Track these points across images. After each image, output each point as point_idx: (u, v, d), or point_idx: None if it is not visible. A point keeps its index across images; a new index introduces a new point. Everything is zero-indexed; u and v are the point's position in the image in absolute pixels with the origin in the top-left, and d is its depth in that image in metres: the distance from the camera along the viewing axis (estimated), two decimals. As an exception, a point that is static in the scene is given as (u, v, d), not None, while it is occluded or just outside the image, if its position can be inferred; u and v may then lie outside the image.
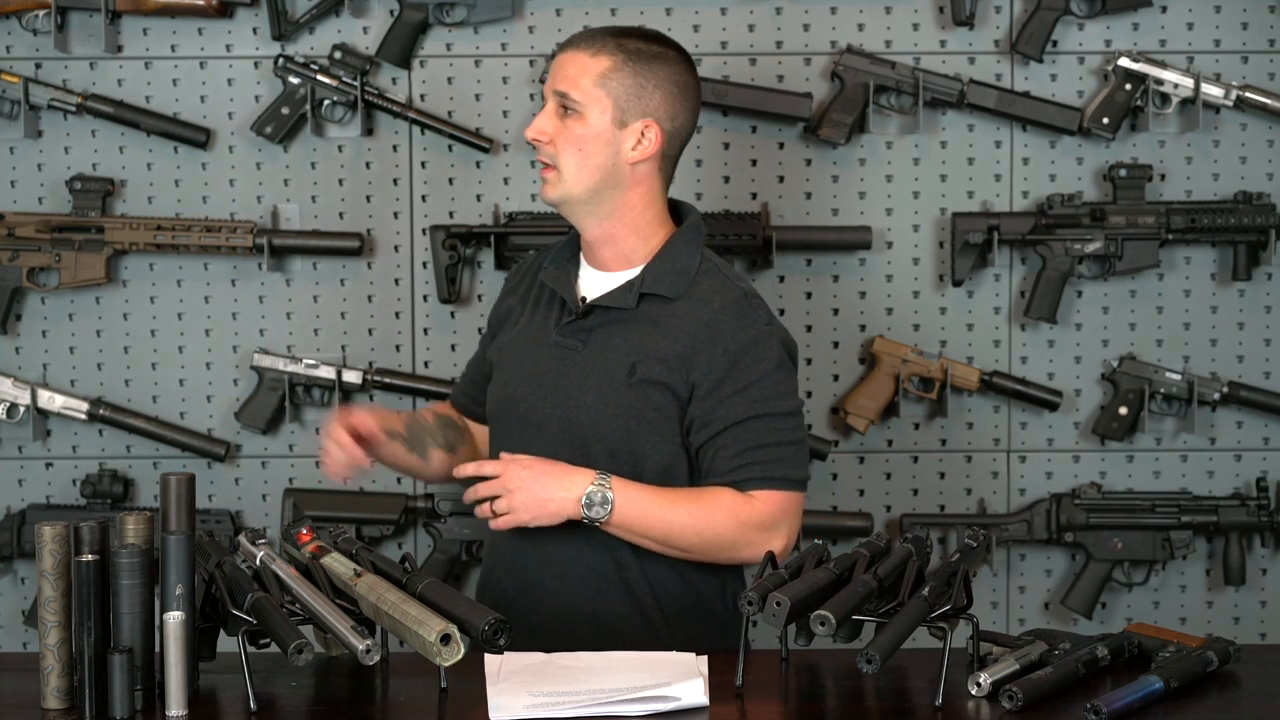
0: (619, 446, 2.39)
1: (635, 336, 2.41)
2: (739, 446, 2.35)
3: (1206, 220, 3.20)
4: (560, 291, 2.46)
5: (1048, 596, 3.32)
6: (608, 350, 2.41)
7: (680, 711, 1.93)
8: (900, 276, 3.28)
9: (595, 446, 2.39)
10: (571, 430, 2.41)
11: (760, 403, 2.36)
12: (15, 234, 3.21)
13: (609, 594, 2.40)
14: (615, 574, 2.40)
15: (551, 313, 2.48)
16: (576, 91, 2.39)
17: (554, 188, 2.41)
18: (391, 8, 3.22)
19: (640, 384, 2.38)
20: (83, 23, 3.23)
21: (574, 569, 2.40)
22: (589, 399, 2.40)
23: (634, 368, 2.39)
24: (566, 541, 2.38)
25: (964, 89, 3.21)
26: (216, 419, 3.30)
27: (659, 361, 2.38)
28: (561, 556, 2.41)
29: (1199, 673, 2.06)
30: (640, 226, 2.45)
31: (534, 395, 2.44)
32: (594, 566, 2.40)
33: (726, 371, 2.36)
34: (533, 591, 2.42)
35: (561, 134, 2.39)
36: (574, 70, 2.40)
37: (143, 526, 2.01)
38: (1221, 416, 3.29)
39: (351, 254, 3.23)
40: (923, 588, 2.02)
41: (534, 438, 2.42)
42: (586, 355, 2.42)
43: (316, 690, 2.09)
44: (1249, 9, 3.24)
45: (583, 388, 2.41)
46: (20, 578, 3.31)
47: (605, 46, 2.41)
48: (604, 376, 2.40)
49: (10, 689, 2.12)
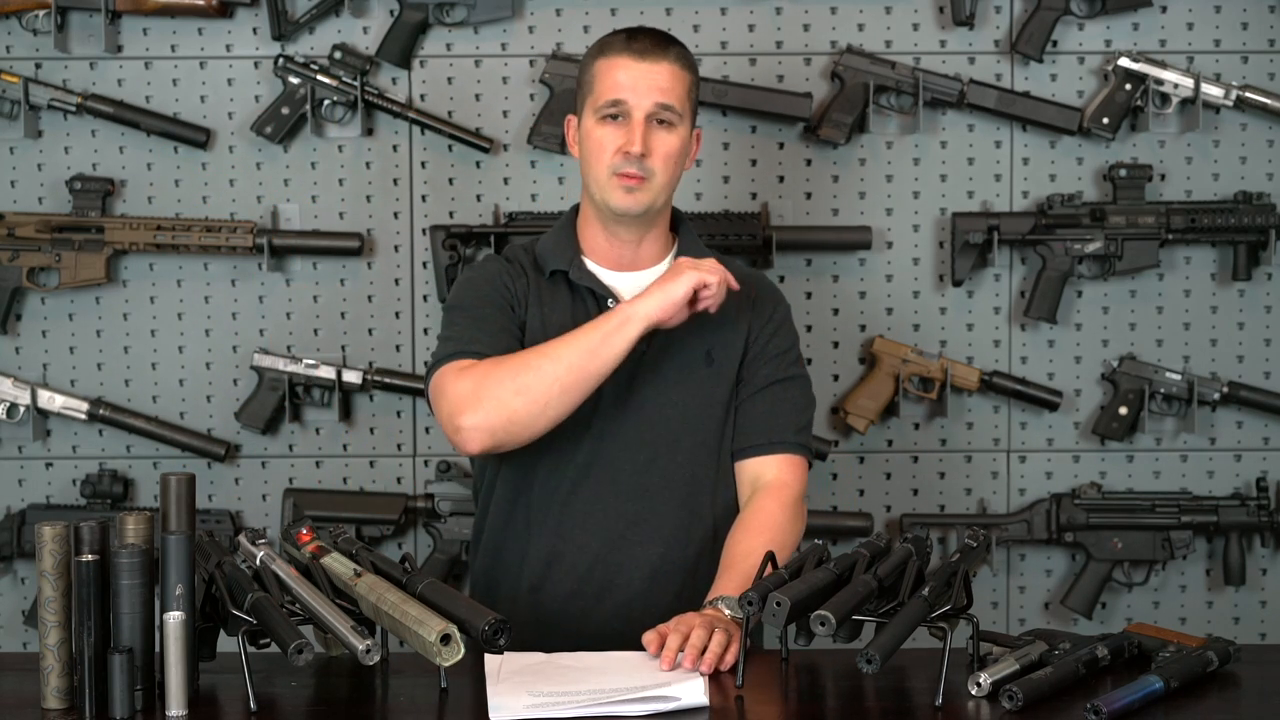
0: (708, 436, 2.43)
1: (697, 324, 2.40)
2: (775, 406, 2.45)
3: (1206, 220, 3.20)
4: (601, 291, 2.43)
5: (1048, 596, 3.32)
6: (675, 342, 2.41)
7: (680, 711, 1.93)
8: (900, 276, 3.28)
9: (686, 440, 2.41)
10: (655, 429, 2.40)
11: (795, 365, 2.49)
12: (15, 234, 3.22)
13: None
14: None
15: (586, 313, 2.41)
16: (678, 105, 2.40)
17: (644, 197, 2.38)
18: (391, 8, 3.22)
19: (719, 369, 2.42)
20: (83, 23, 3.24)
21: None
22: (673, 394, 2.41)
23: (710, 355, 2.43)
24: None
25: (964, 89, 3.21)
26: (216, 419, 3.30)
27: (729, 343, 2.44)
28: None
29: (1199, 673, 2.06)
30: (665, 225, 2.50)
31: (603, 400, 2.38)
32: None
33: (771, 337, 2.47)
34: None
35: (659, 146, 2.38)
36: (668, 82, 2.39)
37: (143, 526, 2.01)
38: (1221, 416, 3.30)
39: (351, 254, 3.23)
40: (923, 588, 2.01)
41: (609, 443, 2.39)
42: (654, 352, 2.41)
43: (316, 690, 2.09)
44: (1249, 9, 3.24)
45: (660, 385, 2.41)
46: (20, 578, 3.31)
47: (685, 58, 2.44)
48: (682, 371, 2.42)
49: (10, 689, 2.12)
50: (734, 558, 2.32)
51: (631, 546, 2.40)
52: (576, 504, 2.41)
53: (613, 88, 2.38)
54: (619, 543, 2.40)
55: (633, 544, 2.40)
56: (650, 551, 2.40)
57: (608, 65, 2.40)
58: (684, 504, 2.41)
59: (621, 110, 2.37)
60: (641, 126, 2.37)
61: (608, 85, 2.39)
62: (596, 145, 2.39)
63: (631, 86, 2.37)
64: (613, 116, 2.38)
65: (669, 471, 2.41)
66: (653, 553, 2.40)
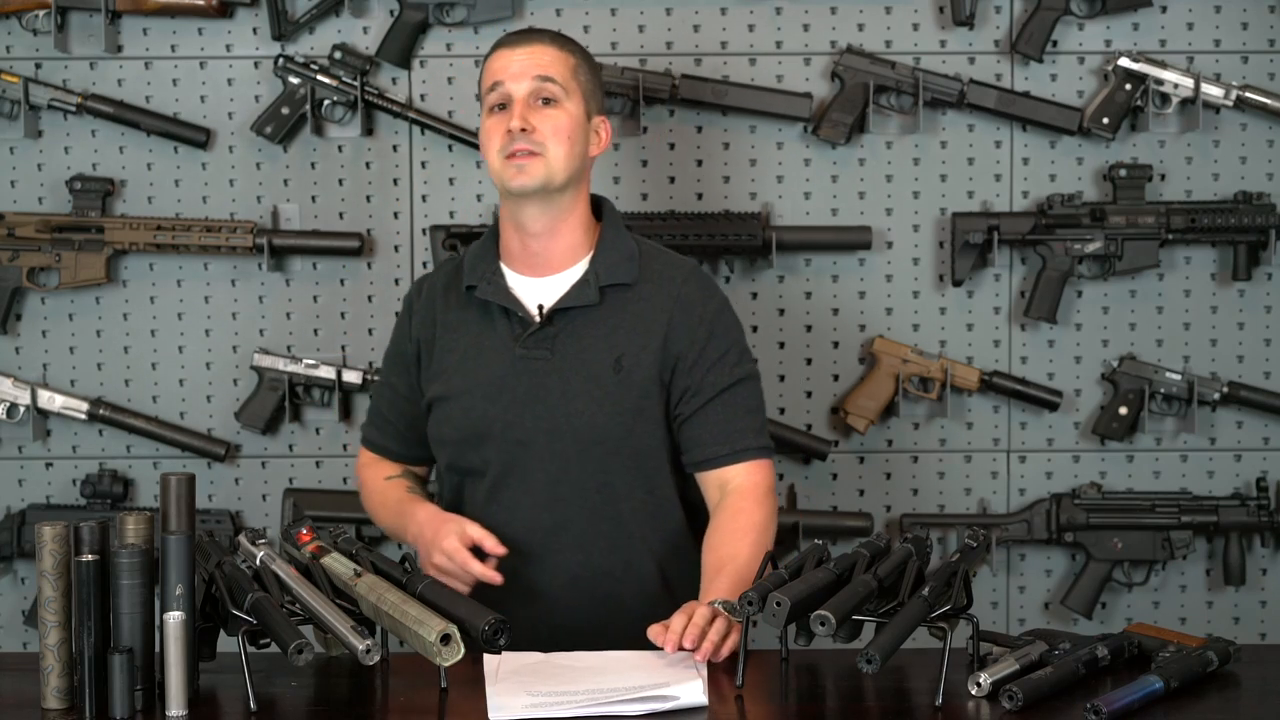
0: (620, 445, 2.41)
1: (608, 330, 2.43)
2: (730, 413, 2.44)
3: (1206, 220, 3.20)
4: (506, 304, 2.45)
5: (1048, 596, 3.32)
6: (582, 351, 2.42)
7: (680, 711, 1.93)
8: (900, 276, 3.28)
9: (598, 448, 2.41)
10: (564, 439, 2.41)
11: (739, 366, 2.47)
12: (15, 234, 3.22)
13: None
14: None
15: (494, 327, 2.46)
16: (559, 78, 2.43)
17: (537, 171, 2.39)
18: (391, 8, 3.22)
19: (628, 376, 2.41)
20: (83, 23, 3.24)
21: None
22: (579, 404, 2.41)
23: (619, 362, 2.42)
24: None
25: (964, 89, 3.21)
26: (216, 419, 3.30)
27: (641, 348, 2.42)
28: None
29: (1199, 673, 2.06)
30: (582, 221, 2.49)
31: (510, 413, 2.42)
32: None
33: (707, 339, 2.45)
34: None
35: (545, 121, 2.41)
36: (547, 59, 2.44)
37: (143, 526, 2.01)
38: (1221, 416, 3.30)
39: (351, 254, 3.23)
40: (923, 588, 2.02)
41: (521, 454, 2.42)
42: (560, 361, 2.42)
43: (316, 690, 2.09)
44: (1249, 9, 3.24)
45: (567, 394, 2.41)
46: (20, 578, 3.31)
47: (565, 43, 2.49)
48: (588, 378, 2.41)
49: (10, 689, 2.12)
50: (720, 561, 2.33)
51: (550, 554, 2.42)
52: (496, 511, 2.44)
53: (491, 75, 2.45)
54: (538, 551, 2.42)
55: (551, 551, 2.42)
56: (569, 559, 2.42)
57: (489, 61, 2.48)
58: (599, 511, 2.43)
59: (503, 95, 2.42)
60: (523, 105, 2.41)
61: (489, 76, 2.46)
62: (486, 136, 2.45)
63: (506, 69, 2.44)
64: (500, 106, 2.43)
65: (581, 480, 2.42)
66: (572, 560, 2.42)
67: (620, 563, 2.43)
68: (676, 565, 2.45)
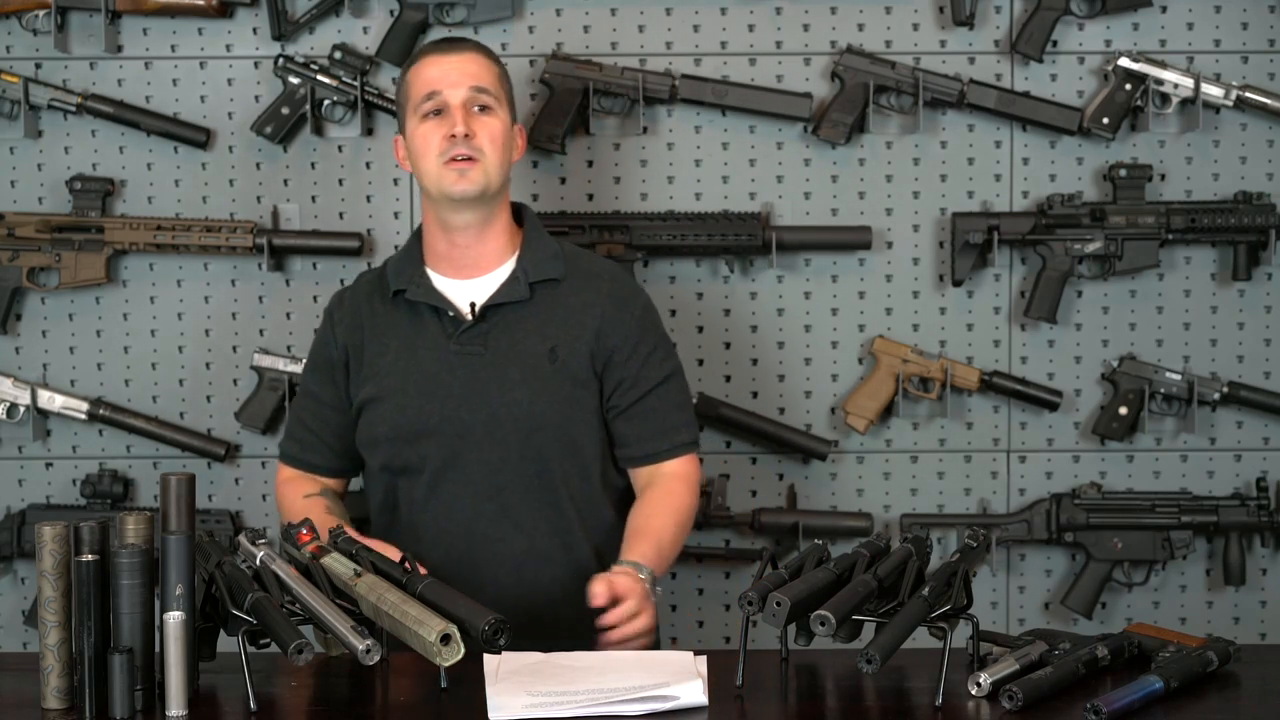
0: (557, 432, 2.49)
1: (540, 323, 2.50)
2: (665, 409, 2.54)
3: (1206, 220, 3.20)
4: (437, 304, 2.51)
5: (1048, 596, 3.32)
6: (516, 344, 2.49)
7: (679, 711, 1.93)
8: (900, 276, 3.28)
9: (537, 435, 2.47)
10: (504, 428, 2.46)
11: (668, 361, 2.57)
12: (15, 234, 3.21)
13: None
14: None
15: (425, 328, 2.52)
16: (492, 88, 2.51)
17: (478, 177, 2.47)
18: (391, 8, 3.22)
19: (563, 366, 2.47)
20: (83, 23, 3.23)
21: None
22: (517, 393, 2.47)
23: (554, 352, 2.48)
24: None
25: (964, 89, 3.20)
26: (216, 419, 3.30)
27: (575, 339, 2.49)
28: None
29: (1199, 673, 2.06)
30: (506, 225, 2.57)
31: (447, 407, 2.47)
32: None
33: (640, 334, 2.54)
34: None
35: (483, 128, 2.48)
36: (476, 69, 2.51)
37: (143, 526, 2.01)
38: (1221, 416, 3.29)
39: (351, 254, 3.23)
40: (923, 588, 2.02)
41: (460, 447, 2.47)
42: (494, 355, 2.48)
43: (316, 690, 2.09)
44: (1249, 9, 3.24)
45: (504, 385, 2.47)
46: (20, 578, 3.31)
47: (490, 53, 2.57)
48: (524, 369, 2.48)
49: (10, 689, 2.12)
50: (645, 527, 2.46)
51: (493, 543, 2.48)
52: (436, 506, 2.49)
53: (426, 83, 2.49)
54: (482, 540, 2.48)
55: (494, 540, 2.48)
56: (513, 546, 2.48)
57: (418, 69, 2.53)
58: (540, 498, 2.49)
59: (439, 102, 2.48)
60: (461, 111, 2.47)
61: (421, 84, 2.50)
62: (422, 142, 2.49)
63: (443, 77, 2.49)
64: (435, 112, 2.48)
65: (520, 467, 2.48)
66: (516, 547, 2.48)
67: (560, 546, 2.50)
68: (610, 549, 2.51)
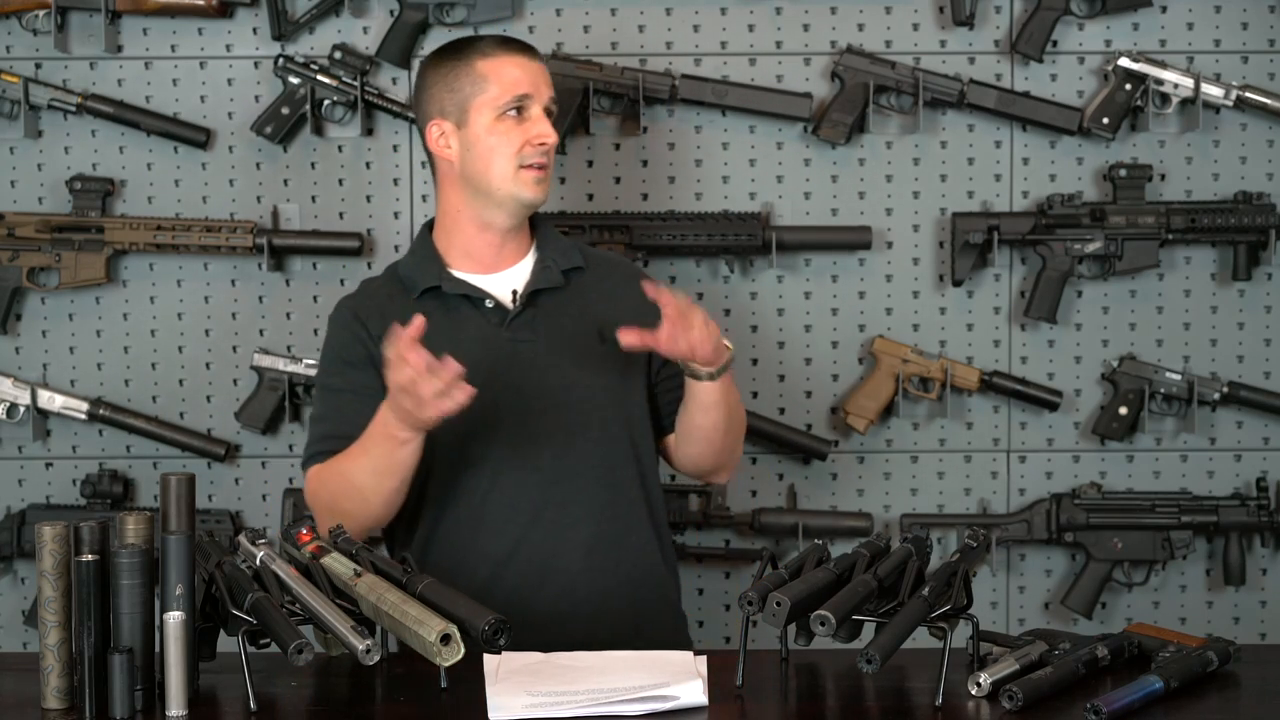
0: (618, 412, 2.48)
1: (582, 308, 2.50)
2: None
3: (1206, 220, 3.20)
4: (476, 295, 2.49)
5: (1048, 596, 3.32)
6: (564, 329, 2.48)
7: (680, 711, 1.93)
8: (900, 276, 3.28)
9: (595, 417, 2.46)
10: (567, 413, 2.45)
11: None
12: (15, 234, 3.22)
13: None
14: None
15: (466, 321, 2.47)
16: (555, 98, 2.52)
17: (548, 186, 2.49)
18: (391, 8, 3.22)
19: (614, 347, 2.44)
20: (83, 23, 3.23)
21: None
22: (575, 376, 2.46)
23: (601, 335, 2.47)
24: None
25: (964, 89, 3.20)
26: (216, 419, 3.30)
27: (616, 321, 2.46)
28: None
29: (1199, 673, 2.06)
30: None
31: (508, 395, 2.43)
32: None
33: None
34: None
35: (553, 138, 2.49)
36: (549, 79, 2.52)
37: (143, 526, 2.01)
38: (1221, 416, 3.29)
39: (351, 254, 3.23)
40: (923, 588, 2.02)
41: (524, 434, 2.44)
42: (546, 341, 2.47)
43: (316, 690, 2.09)
44: (1249, 9, 3.24)
45: (562, 369, 2.46)
46: (20, 578, 3.31)
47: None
48: (580, 352, 2.47)
49: (10, 689, 2.12)
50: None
51: (563, 529, 2.45)
52: (499, 495, 2.44)
53: (514, 84, 2.46)
54: (551, 528, 2.44)
55: (564, 527, 2.45)
56: (582, 531, 2.45)
57: (498, 66, 2.47)
58: (605, 481, 2.47)
59: (524, 104, 2.46)
60: (545, 120, 2.47)
61: (509, 83, 2.46)
62: (501, 141, 2.45)
63: (531, 83, 2.47)
64: (516, 110, 2.45)
65: (586, 451, 2.46)
66: (585, 532, 2.45)
67: (623, 529, 2.48)
68: (663, 533, 2.53)
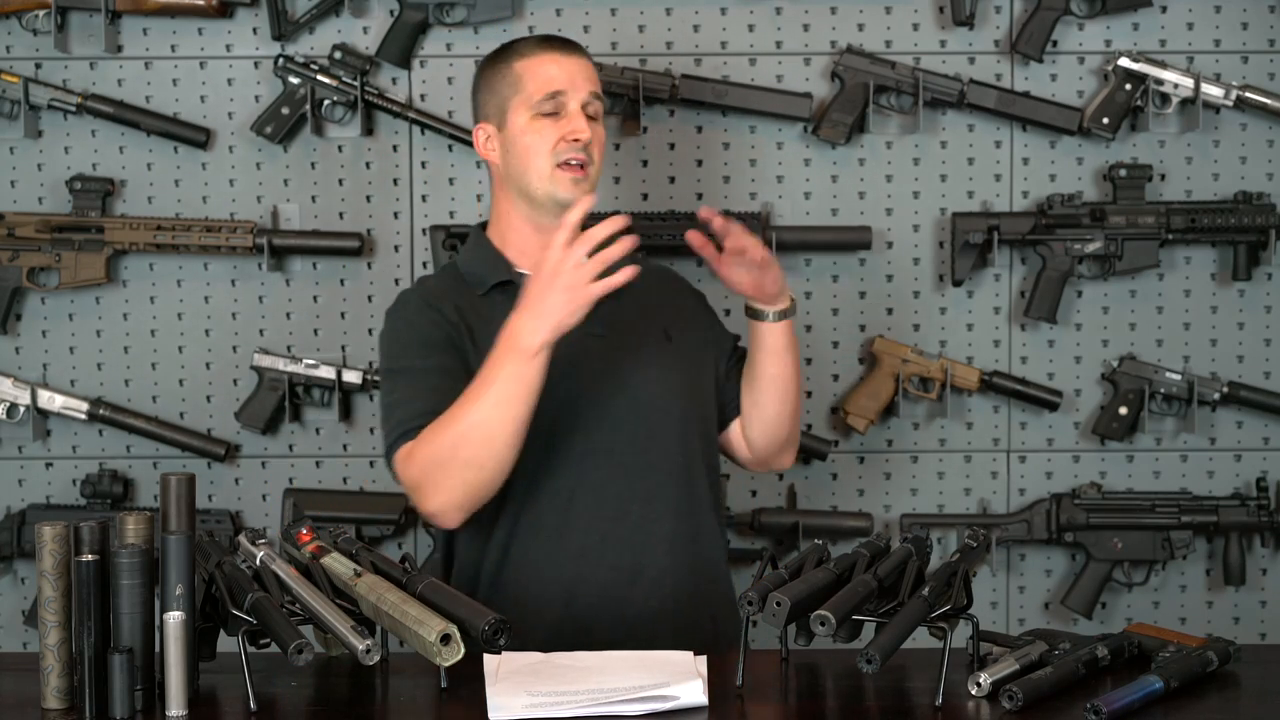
0: (689, 406, 2.48)
1: (644, 308, 2.47)
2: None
3: (1206, 220, 3.20)
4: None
5: (1048, 596, 3.32)
6: (632, 326, 2.45)
7: (680, 711, 1.93)
8: (900, 276, 3.28)
9: (672, 410, 2.45)
10: (640, 407, 2.42)
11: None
12: (15, 234, 3.22)
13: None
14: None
15: None
16: (600, 95, 2.47)
17: (588, 185, 2.41)
18: (391, 8, 3.22)
19: (678, 345, 2.47)
20: (83, 23, 3.24)
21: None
22: (649, 371, 2.44)
23: (666, 333, 2.48)
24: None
25: (964, 89, 3.21)
26: (216, 419, 3.30)
27: (678, 321, 2.49)
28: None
29: (1199, 673, 2.06)
30: None
31: (590, 390, 2.40)
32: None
33: (707, 309, 2.62)
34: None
35: (595, 135, 2.44)
36: (591, 73, 2.47)
37: (143, 526, 2.01)
38: (1221, 416, 3.30)
39: (351, 254, 3.23)
40: (923, 588, 2.02)
41: (605, 428, 2.40)
42: (617, 337, 2.43)
43: (316, 690, 2.09)
44: (1249, 9, 3.24)
45: (638, 364, 2.44)
46: (20, 578, 3.31)
47: (592, 60, 2.51)
48: (649, 350, 2.46)
49: (10, 689, 2.12)
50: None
51: (648, 524, 2.42)
52: (585, 491, 2.40)
53: (548, 81, 2.42)
54: (638, 523, 2.41)
55: (649, 521, 2.42)
56: (664, 526, 2.43)
57: (534, 64, 2.44)
58: (683, 475, 2.45)
59: (559, 103, 2.42)
60: (580, 116, 2.41)
61: (543, 80, 2.42)
62: (536, 139, 2.41)
63: (567, 79, 2.42)
64: (551, 111, 2.41)
65: (668, 444, 2.44)
66: (666, 527, 2.43)
67: (697, 525, 2.47)
68: (723, 529, 2.55)
